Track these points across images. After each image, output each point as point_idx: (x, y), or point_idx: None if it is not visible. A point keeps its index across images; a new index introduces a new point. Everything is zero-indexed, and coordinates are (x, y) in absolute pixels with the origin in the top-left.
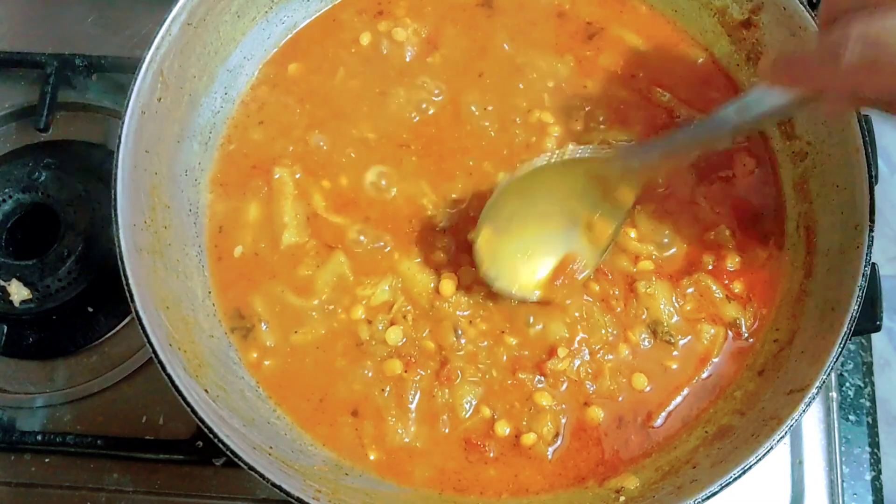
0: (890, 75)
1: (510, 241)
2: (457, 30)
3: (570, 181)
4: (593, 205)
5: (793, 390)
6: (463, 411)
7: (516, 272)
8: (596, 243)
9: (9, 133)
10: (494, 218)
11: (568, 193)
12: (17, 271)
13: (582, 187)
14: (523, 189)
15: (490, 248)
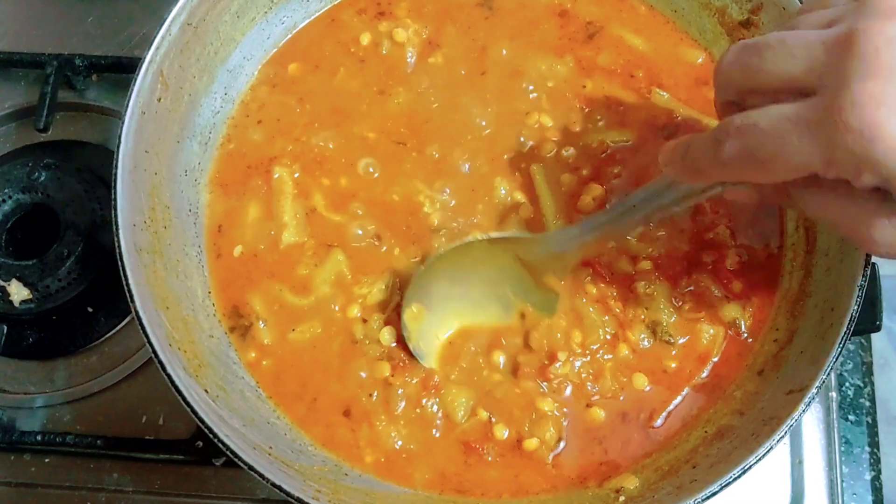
0: (767, 168)
1: (440, 323)
2: (457, 30)
3: (499, 264)
4: (525, 293)
5: (792, 390)
6: (458, 415)
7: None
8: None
9: (9, 133)
10: (423, 296)
11: (499, 278)
12: (17, 271)
13: (512, 272)
14: (453, 267)
15: (418, 325)
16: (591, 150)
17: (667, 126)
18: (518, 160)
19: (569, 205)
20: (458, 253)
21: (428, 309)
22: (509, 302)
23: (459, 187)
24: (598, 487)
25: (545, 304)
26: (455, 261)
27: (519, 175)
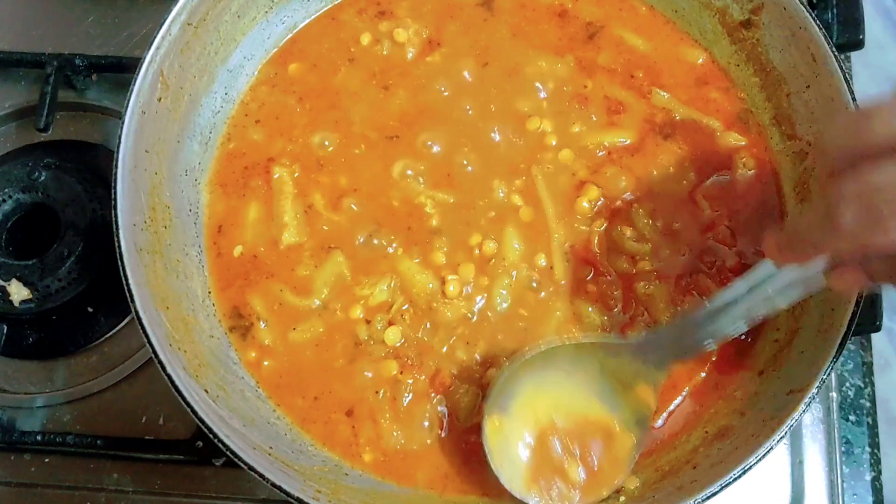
0: (892, 228)
1: (520, 428)
2: (457, 30)
3: (585, 373)
4: (613, 405)
5: (793, 390)
6: (461, 414)
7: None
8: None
9: (9, 133)
10: (504, 404)
11: (586, 388)
12: (17, 271)
13: (599, 384)
14: (537, 374)
15: (502, 440)
16: (590, 150)
17: (666, 126)
18: (517, 161)
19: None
20: (543, 359)
21: (507, 415)
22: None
23: (459, 188)
24: None
25: (636, 421)
26: (539, 366)
27: (517, 177)
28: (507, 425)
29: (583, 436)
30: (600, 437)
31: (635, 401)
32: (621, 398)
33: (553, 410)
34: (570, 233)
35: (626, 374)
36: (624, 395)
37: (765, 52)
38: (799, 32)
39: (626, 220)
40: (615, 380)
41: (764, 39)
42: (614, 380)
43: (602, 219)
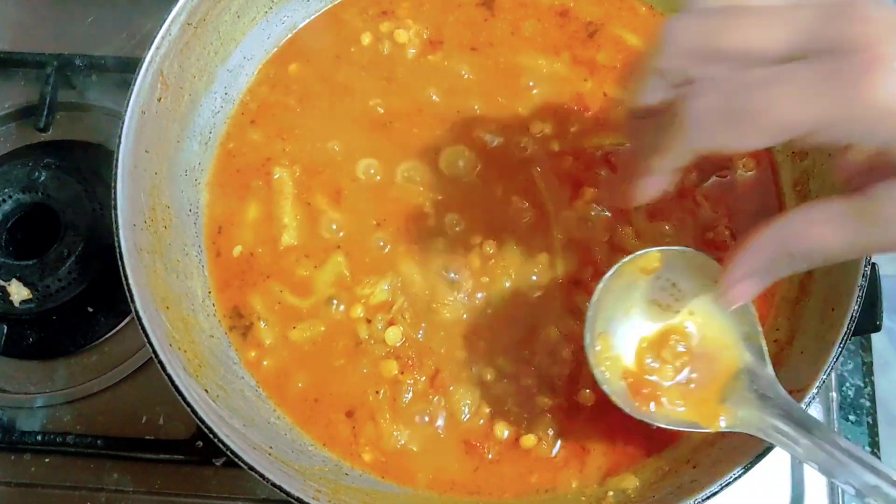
0: (748, 128)
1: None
2: (457, 30)
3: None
4: (724, 321)
5: (793, 390)
6: (461, 415)
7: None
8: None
9: (9, 133)
10: (605, 322)
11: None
12: (17, 271)
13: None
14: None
15: (610, 359)
16: (588, 151)
17: None
18: (516, 162)
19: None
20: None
21: (611, 333)
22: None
23: (459, 189)
24: (598, 487)
25: (747, 340)
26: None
27: (517, 176)
28: (613, 343)
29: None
30: (707, 354)
31: (749, 323)
32: (733, 317)
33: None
34: (570, 232)
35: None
36: (735, 316)
37: None
38: None
39: (626, 221)
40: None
41: None
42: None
43: (602, 218)
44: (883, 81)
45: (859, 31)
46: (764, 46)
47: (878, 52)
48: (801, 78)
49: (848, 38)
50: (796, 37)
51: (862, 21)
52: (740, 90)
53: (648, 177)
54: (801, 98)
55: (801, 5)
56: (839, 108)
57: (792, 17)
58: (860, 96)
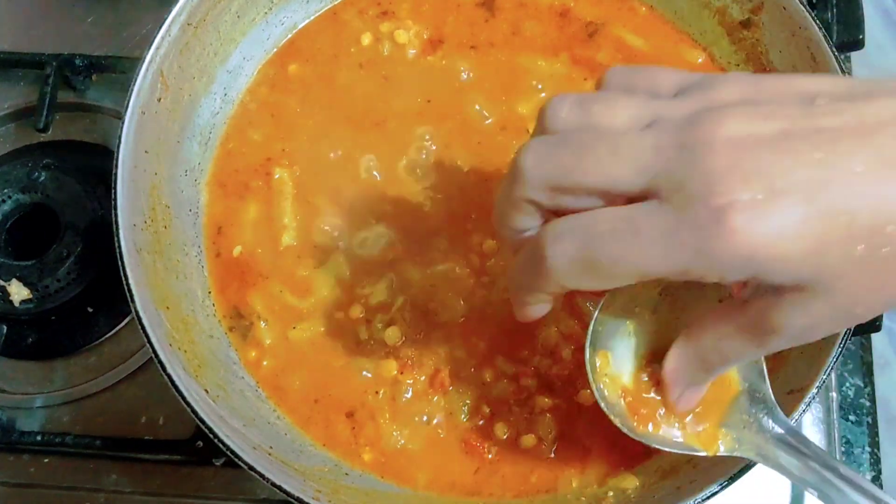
0: (605, 275)
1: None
2: (457, 30)
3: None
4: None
5: (793, 390)
6: (461, 415)
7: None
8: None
9: (9, 133)
10: (607, 338)
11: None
12: (17, 271)
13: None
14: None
15: (609, 378)
16: None
17: None
18: None
19: None
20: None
21: (611, 350)
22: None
23: (459, 188)
24: (598, 487)
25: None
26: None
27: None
28: (612, 361)
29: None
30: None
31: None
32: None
33: (657, 340)
34: None
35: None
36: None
37: (764, 52)
38: (799, 32)
39: None
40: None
41: (764, 39)
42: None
43: None
44: (738, 228)
45: (708, 168)
46: (614, 183)
47: (728, 196)
48: (653, 227)
49: (696, 179)
50: (645, 175)
51: (710, 154)
52: (594, 239)
53: (530, 308)
54: (655, 249)
55: (651, 130)
56: (695, 259)
57: (640, 150)
58: (715, 248)
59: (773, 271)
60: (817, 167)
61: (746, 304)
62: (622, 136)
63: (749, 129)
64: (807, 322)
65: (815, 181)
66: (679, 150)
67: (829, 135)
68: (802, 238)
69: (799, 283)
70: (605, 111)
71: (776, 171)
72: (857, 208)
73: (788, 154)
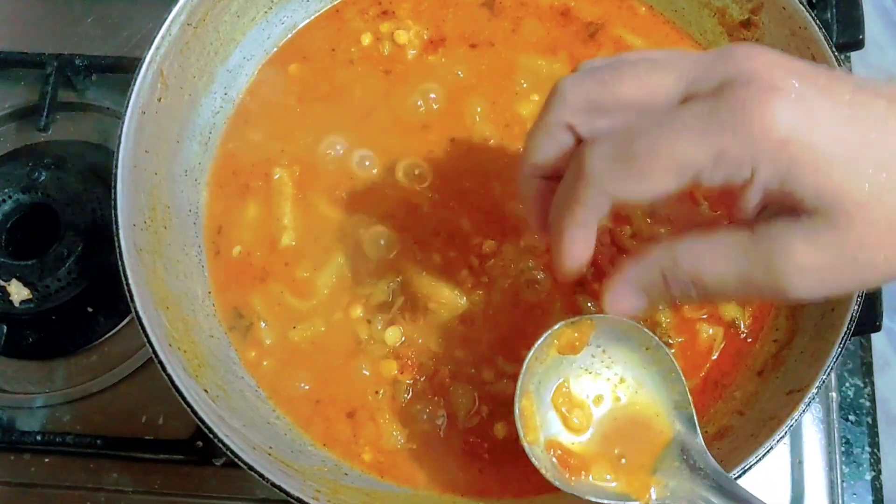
0: (645, 170)
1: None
2: (458, 30)
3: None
4: (655, 391)
5: (792, 390)
6: (461, 414)
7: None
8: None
9: (9, 133)
10: (536, 384)
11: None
12: (17, 271)
13: (641, 363)
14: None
15: (532, 422)
16: None
17: None
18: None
19: None
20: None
21: (537, 395)
22: None
23: (458, 190)
24: None
25: (679, 413)
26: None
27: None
28: (538, 406)
29: (617, 420)
30: (637, 423)
31: (679, 391)
32: (663, 386)
33: (586, 389)
34: None
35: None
36: (665, 384)
37: None
38: (799, 32)
39: (626, 220)
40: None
41: (763, 39)
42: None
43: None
44: (778, 110)
45: (747, 66)
46: (653, 92)
47: (770, 81)
48: (693, 115)
49: (737, 71)
50: (685, 79)
51: (747, 58)
52: (633, 135)
53: (570, 234)
54: (695, 134)
55: (685, 54)
56: (735, 141)
57: (678, 62)
58: (755, 127)
59: (803, 176)
60: (851, 89)
61: (757, 223)
62: (658, 58)
63: (782, 59)
64: (808, 260)
65: (852, 100)
66: (718, 57)
67: (857, 82)
68: (835, 139)
69: (820, 203)
70: (641, 55)
71: (821, 82)
72: (886, 135)
73: (825, 76)
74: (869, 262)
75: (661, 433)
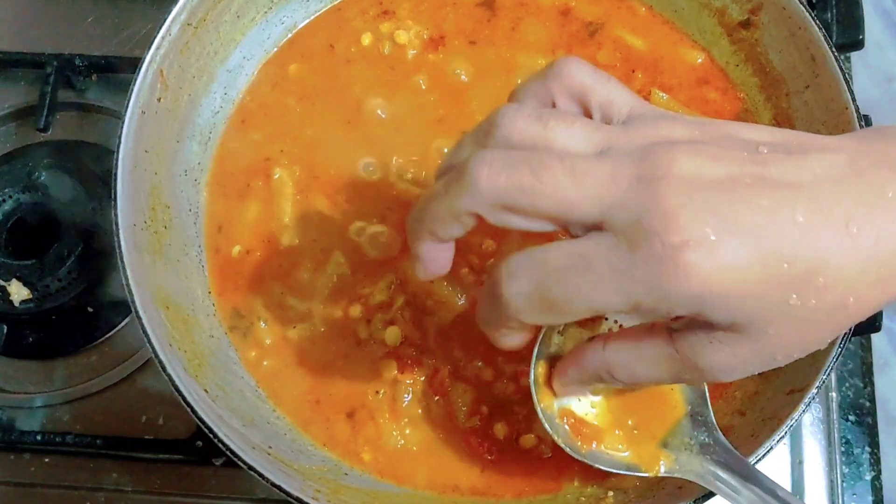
0: (562, 310)
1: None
2: (458, 30)
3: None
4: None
5: (793, 390)
6: (460, 414)
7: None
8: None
9: (9, 133)
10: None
11: None
12: (17, 271)
13: None
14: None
15: (548, 392)
16: None
17: None
18: None
19: None
20: None
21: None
22: None
23: None
24: (599, 487)
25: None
26: None
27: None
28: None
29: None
30: (653, 395)
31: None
32: None
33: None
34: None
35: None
36: None
37: (764, 53)
38: (798, 32)
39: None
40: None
41: (763, 39)
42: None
43: None
44: (692, 267)
45: (662, 205)
46: (568, 210)
47: (682, 235)
48: (610, 265)
49: (651, 215)
50: (601, 205)
51: (664, 191)
52: (549, 276)
53: (502, 340)
54: (612, 287)
55: (608, 157)
56: (650, 297)
57: (597, 177)
58: (670, 286)
59: (717, 308)
60: (763, 213)
61: (676, 335)
62: (580, 160)
63: (701, 169)
64: (729, 363)
65: (762, 226)
66: (635, 182)
67: (773, 183)
68: (747, 279)
69: (735, 322)
70: (564, 129)
71: (727, 213)
72: (794, 256)
73: (738, 198)
74: (787, 357)
75: (674, 407)
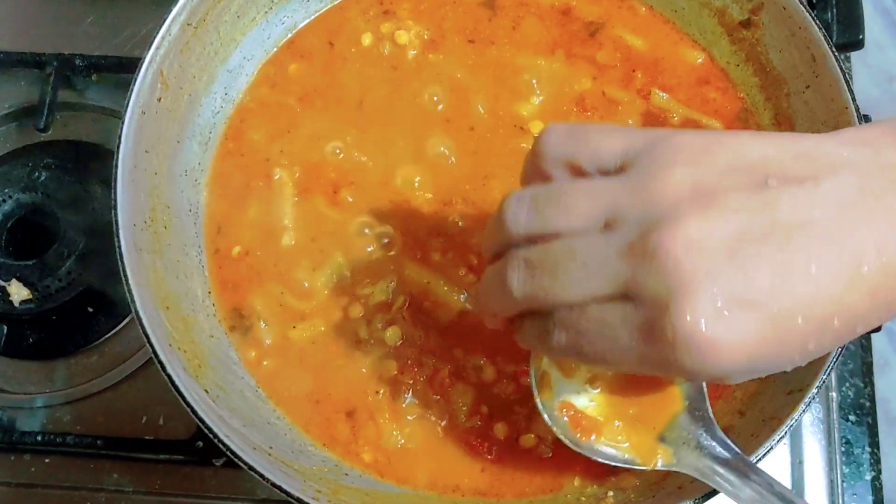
0: (592, 360)
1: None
2: (459, 30)
3: None
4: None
5: (793, 390)
6: (460, 414)
7: None
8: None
9: (9, 133)
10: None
11: None
12: (17, 271)
13: None
14: None
15: (548, 384)
16: None
17: (665, 126)
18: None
19: None
20: None
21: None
22: None
23: (459, 188)
24: (598, 487)
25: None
26: None
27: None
28: (553, 369)
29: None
30: (653, 385)
31: None
32: None
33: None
34: None
35: None
36: None
37: (764, 52)
38: (799, 32)
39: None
40: None
41: (763, 39)
42: None
43: None
44: (703, 345)
45: (671, 280)
46: (591, 296)
47: (693, 312)
48: (629, 336)
49: (662, 290)
50: (616, 283)
51: (672, 265)
52: (580, 336)
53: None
54: (631, 354)
55: (613, 234)
56: (663, 369)
57: (607, 260)
58: (684, 363)
59: (735, 375)
60: (777, 272)
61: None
62: (587, 247)
63: (706, 231)
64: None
65: (776, 288)
66: (642, 258)
67: (785, 229)
68: (765, 339)
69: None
70: (561, 214)
71: (739, 283)
72: (810, 310)
73: (749, 259)
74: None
75: (672, 402)
